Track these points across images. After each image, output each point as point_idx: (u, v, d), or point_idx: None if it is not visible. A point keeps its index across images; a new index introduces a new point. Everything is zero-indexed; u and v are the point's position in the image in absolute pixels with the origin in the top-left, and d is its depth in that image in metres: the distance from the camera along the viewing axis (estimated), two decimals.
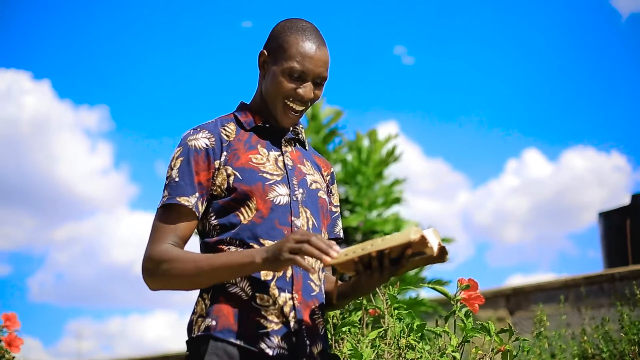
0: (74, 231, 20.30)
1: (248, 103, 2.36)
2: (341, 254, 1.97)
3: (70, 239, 20.26)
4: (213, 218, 2.18)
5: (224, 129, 2.24)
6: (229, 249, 2.13)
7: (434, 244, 1.98)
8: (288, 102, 2.22)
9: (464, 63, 16.84)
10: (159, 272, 2.09)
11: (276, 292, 2.12)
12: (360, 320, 2.96)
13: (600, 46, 16.79)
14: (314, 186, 2.30)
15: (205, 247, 2.19)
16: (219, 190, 2.17)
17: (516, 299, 8.58)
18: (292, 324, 2.12)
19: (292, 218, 2.18)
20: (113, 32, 17.21)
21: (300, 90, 2.21)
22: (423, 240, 1.96)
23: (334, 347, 2.88)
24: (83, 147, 18.76)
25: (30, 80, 18.40)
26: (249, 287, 2.11)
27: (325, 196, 2.35)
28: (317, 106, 10.45)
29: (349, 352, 2.60)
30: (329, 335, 2.82)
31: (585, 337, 5.42)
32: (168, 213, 2.15)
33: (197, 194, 2.15)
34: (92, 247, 20.58)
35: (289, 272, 2.15)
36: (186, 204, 2.13)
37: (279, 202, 2.17)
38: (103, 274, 20.21)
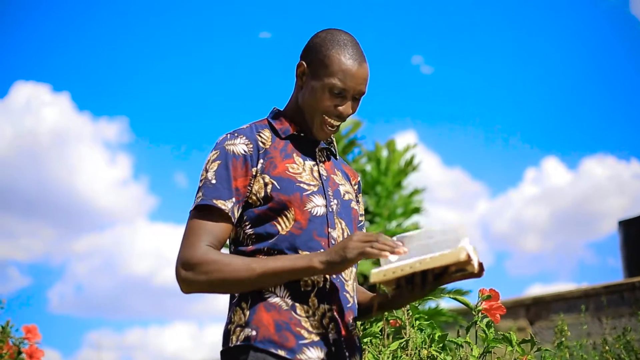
0: (94, 243, 20.36)
1: (281, 109, 2.35)
2: (388, 271, 1.99)
3: (89, 251, 20.32)
4: (248, 227, 2.16)
5: (260, 136, 2.22)
6: None
7: (475, 260, 2.00)
8: (326, 118, 2.22)
9: (482, 72, 16.82)
10: (200, 275, 2.05)
11: (316, 302, 2.11)
12: (381, 331, 2.97)
13: (619, 54, 16.73)
14: (346, 197, 2.31)
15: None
16: (254, 198, 2.15)
17: (536, 309, 8.55)
18: (330, 335, 2.12)
19: (329, 229, 2.18)
20: (132, 44, 17.32)
21: (340, 108, 2.21)
22: (467, 258, 1.98)
23: None
24: (102, 158, 18.84)
25: (50, 93, 18.53)
26: (289, 297, 2.10)
27: (356, 207, 2.35)
28: None
29: None
30: None
31: (607, 347, 5.40)
32: (204, 214, 2.12)
33: (233, 199, 2.13)
34: (112, 259, 20.64)
35: (327, 284, 2.14)
36: (222, 207, 2.11)
37: (317, 213, 2.16)
38: (122, 286, 20.25)
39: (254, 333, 2.06)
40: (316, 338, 2.09)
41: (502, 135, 16.35)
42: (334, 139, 2.39)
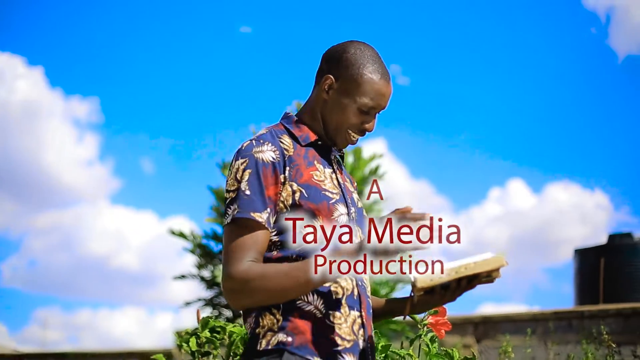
0: (53, 219, 20.19)
1: (294, 114, 2.34)
2: (435, 276, 2.04)
3: (48, 227, 20.14)
4: (274, 233, 2.14)
5: (282, 142, 2.20)
6: None
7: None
8: (351, 132, 2.25)
9: (459, 86, 16.91)
10: (248, 291, 2.03)
11: (347, 309, 2.13)
12: None
13: (596, 86, 16.91)
14: (359, 204, 2.33)
15: (266, 263, 2.13)
16: (281, 205, 2.13)
17: (484, 328, 8.63)
18: (360, 341, 2.14)
19: (352, 237, 2.17)
20: (112, 28, 17.23)
21: (367, 125, 2.26)
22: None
23: None
24: (70, 136, 18.70)
25: (24, 66, 18.37)
26: (322, 305, 2.10)
27: (365, 214, 2.36)
28: None
29: None
30: None
31: None
32: (243, 228, 2.09)
33: (268, 209, 2.11)
34: (70, 237, 20.47)
35: (355, 290, 2.16)
36: (259, 220, 2.09)
37: (341, 221, 2.17)
38: (77, 265, 20.10)
39: (289, 339, 2.05)
40: (348, 345, 2.10)
41: (472, 151, 16.47)
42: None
